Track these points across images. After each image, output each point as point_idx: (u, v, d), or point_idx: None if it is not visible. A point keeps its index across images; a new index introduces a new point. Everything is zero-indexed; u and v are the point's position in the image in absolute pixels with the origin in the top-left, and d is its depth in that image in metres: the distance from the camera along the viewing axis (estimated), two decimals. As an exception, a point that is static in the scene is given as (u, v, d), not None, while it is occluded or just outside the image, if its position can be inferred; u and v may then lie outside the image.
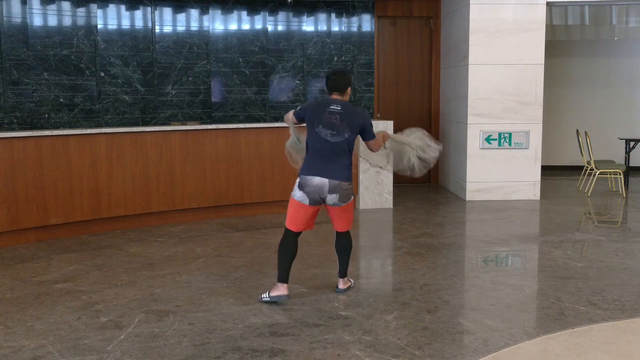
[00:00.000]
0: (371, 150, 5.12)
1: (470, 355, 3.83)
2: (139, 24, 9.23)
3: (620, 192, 9.57)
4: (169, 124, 8.55)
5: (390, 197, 8.52)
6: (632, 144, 10.07)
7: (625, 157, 10.09)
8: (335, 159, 4.72)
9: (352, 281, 5.19)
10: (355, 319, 4.44)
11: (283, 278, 4.78)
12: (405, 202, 8.88)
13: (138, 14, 9.22)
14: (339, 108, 4.72)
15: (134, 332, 4.19)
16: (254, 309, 4.63)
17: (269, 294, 4.76)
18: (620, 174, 9.62)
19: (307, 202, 4.74)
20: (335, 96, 4.84)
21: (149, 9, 9.24)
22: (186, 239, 6.87)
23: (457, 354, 3.88)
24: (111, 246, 6.57)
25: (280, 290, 4.74)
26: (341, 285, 5.06)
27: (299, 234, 4.89)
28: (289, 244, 4.84)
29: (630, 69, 12.07)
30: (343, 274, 5.07)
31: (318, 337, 4.11)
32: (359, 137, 4.91)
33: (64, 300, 4.86)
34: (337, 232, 5.01)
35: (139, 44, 9.17)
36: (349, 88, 4.88)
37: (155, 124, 9.03)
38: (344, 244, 5.03)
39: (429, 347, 3.94)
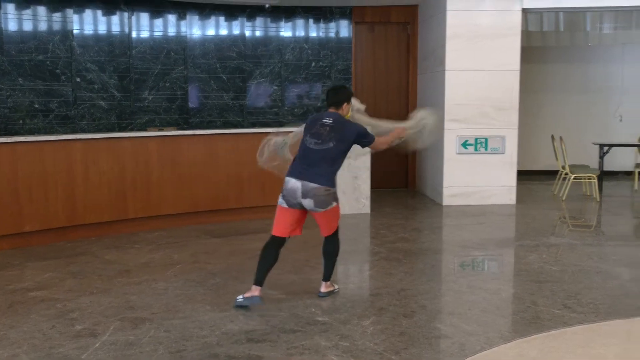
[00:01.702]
0: (376, 149, 5.27)
1: (447, 359, 3.85)
2: (115, 29, 9.17)
3: (595, 196, 9.66)
4: (145, 130, 8.50)
5: (368, 203, 8.54)
6: (605, 148, 10.18)
7: (599, 161, 10.20)
8: (316, 165, 4.79)
9: (337, 287, 5.18)
10: (333, 324, 4.43)
11: (258, 281, 4.79)
12: (383, 208, 8.90)
13: (115, 19, 9.16)
14: (331, 121, 4.87)
15: (109, 340, 4.14)
16: (230, 316, 4.60)
17: (243, 296, 4.77)
18: (594, 179, 9.72)
19: (284, 204, 4.81)
20: (331, 110, 5.02)
21: (125, 14, 9.18)
22: (163, 246, 6.81)
23: (433, 358, 3.89)
24: (87, 253, 6.50)
25: (253, 292, 4.75)
26: (322, 288, 5.05)
27: (282, 241, 4.88)
28: (269, 252, 4.86)
29: (604, 75, 12.21)
30: (325, 277, 5.06)
31: (295, 343, 4.09)
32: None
33: (38, 308, 4.79)
34: (324, 237, 5.03)
35: (116, 49, 9.11)
36: (346, 103, 5.04)
37: (131, 130, 8.97)
38: (328, 248, 5.03)
39: (406, 352, 3.94)
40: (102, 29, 9.08)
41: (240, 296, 4.79)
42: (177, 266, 5.97)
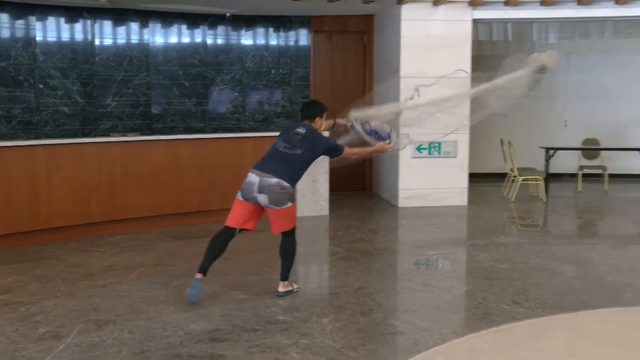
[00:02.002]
0: (346, 159, 5.27)
1: (402, 355, 3.87)
2: (78, 36, 9.02)
3: (541, 197, 9.84)
4: (109, 136, 8.38)
5: (327, 205, 8.55)
6: (551, 152, 10.35)
7: (545, 164, 10.36)
8: (279, 163, 4.90)
9: (296, 286, 5.16)
10: (293, 323, 4.43)
11: (203, 270, 4.85)
12: (341, 210, 8.92)
13: (78, 26, 9.01)
14: (303, 131, 5.01)
15: (73, 342, 4.07)
16: (193, 316, 4.57)
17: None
18: (541, 181, 9.90)
19: (240, 197, 4.91)
20: (305, 121, 5.16)
21: (88, 21, 9.05)
22: (126, 249, 6.72)
23: (389, 354, 3.92)
24: (51, 257, 6.37)
25: (197, 275, 4.82)
26: (280, 288, 5.04)
27: (232, 232, 4.92)
28: (218, 241, 4.94)
29: (549, 82, 12.37)
30: (283, 277, 5.05)
31: (256, 341, 4.08)
32: None
33: (1, 312, 4.67)
34: (281, 236, 5.03)
35: (79, 56, 8.97)
36: (318, 117, 5.17)
37: (95, 136, 8.82)
38: (285, 248, 5.03)
39: (363, 348, 3.96)
40: (65, 36, 8.92)
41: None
42: (140, 269, 5.90)
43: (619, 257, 6.28)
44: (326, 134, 5.70)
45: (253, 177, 4.84)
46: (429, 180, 9.22)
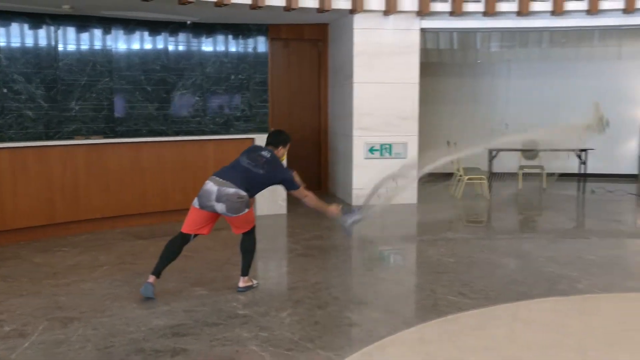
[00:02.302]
0: (301, 199, 5.16)
1: (357, 345, 3.89)
2: (42, 42, 8.81)
3: (485, 195, 10.00)
4: (73, 139, 8.21)
5: (284, 204, 8.54)
6: (494, 153, 10.53)
7: (489, 164, 10.52)
8: (240, 173, 4.84)
9: (255, 282, 5.15)
10: (253, 317, 4.42)
11: (157, 272, 4.80)
12: (298, 208, 8.86)
13: (41, 32, 8.80)
14: (268, 156, 4.99)
15: (38, 339, 3.98)
16: (156, 312, 4.51)
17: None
18: (484, 180, 10.06)
19: (197, 205, 4.83)
20: (270, 147, 5.13)
21: (52, 27, 8.84)
22: (90, 248, 6.59)
23: (345, 345, 3.94)
24: (16, 257, 6.20)
25: (149, 279, 4.77)
26: (240, 283, 5.02)
27: (188, 238, 4.87)
28: (173, 246, 4.87)
29: (492, 88, 12.63)
30: (243, 273, 5.04)
31: (217, 335, 4.06)
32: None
33: (-34, 311, 4.55)
34: (241, 235, 5.01)
35: (42, 61, 8.76)
36: (282, 147, 5.16)
37: (59, 139, 8.63)
38: (245, 246, 5.02)
39: (320, 340, 3.97)
40: (28, 42, 8.68)
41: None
42: (104, 267, 5.80)
43: (555, 250, 6.43)
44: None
45: (211, 186, 4.76)
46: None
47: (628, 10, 8.77)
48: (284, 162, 5.39)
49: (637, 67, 11.92)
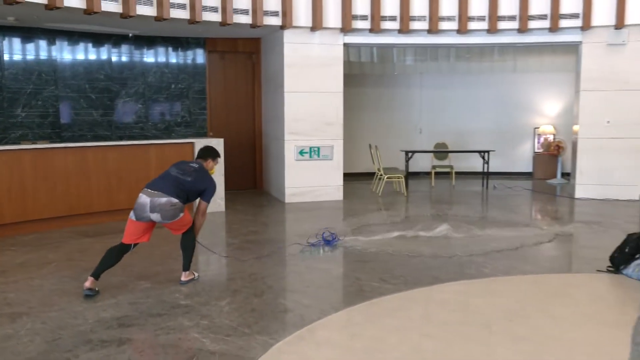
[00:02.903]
0: (198, 211, 4.96)
1: (290, 329, 3.89)
2: (-13, 52, 8.39)
3: (403, 192, 10.20)
4: (19, 144, 7.83)
5: (223, 202, 8.44)
6: (409, 154, 10.76)
7: (405, 164, 10.73)
8: (169, 182, 4.74)
9: (197, 274, 5.06)
10: (194, 306, 4.34)
11: (96, 275, 4.62)
12: (235, 206, 8.84)
13: (-14, 42, 8.37)
14: (196, 166, 4.95)
15: (-13, 334, 3.78)
16: (103, 305, 4.37)
17: (85, 286, 4.60)
18: (402, 178, 10.26)
19: (134, 218, 4.68)
20: (199, 160, 5.07)
21: (-3, 38, 8.43)
22: (39, 247, 6.31)
23: (279, 329, 3.92)
24: (-37, 257, 5.88)
25: (88, 282, 4.57)
26: (182, 277, 4.93)
27: (128, 248, 4.71)
28: (113, 254, 4.70)
29: (407, 97, 12.87)
30: (184, 268, 4.95)
31: (161, 324, 3.97)
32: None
33: None
34: (181, 234, 4.91)
35: (-12, 70, 8.34)
36: (210, 160, 5.10)
37: (6, 144, 8.22)
38: (185, 243, 4.93)
39: (257, 325, 3.95)
40: (-26, 51, 8.26)
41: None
42: (52, 264, 5.56)
43: (464, 239, 6.60)
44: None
45: (144, 199, 4.62)
46: (311, 179, 9.33)
47: (522, 30, 9.14)
48: (215, 175, 5.27)
49: (530, 79, 12.42)
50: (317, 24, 8.86)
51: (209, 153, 5.15)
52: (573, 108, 10.21)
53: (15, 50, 8.65)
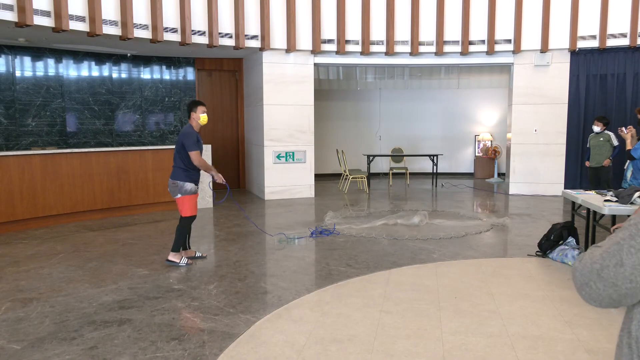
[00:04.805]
0: (195, 164, 4.89)
1: (269, 308, 3.87)
2: (1, 69, 8.14)
3: (365, 190, 10.24)
4: (30, 149, 7.63)
5: (211, 200, 8.35)
6: (371, 158, 10.83)
7: (368, 166, 10.81)
8: (174, 162, 4.94)
9: (183, 262, 4.98)
10: (186, 290, 4.29)
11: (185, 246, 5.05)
12: (223, 203, 8.75)
13: (1, 61, 8.13)
14: (182, 128, 4.89)
15: (1, 318, 3.67)
16: (105, 290, 4.28)
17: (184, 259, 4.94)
18: (364, 178, 10.30)
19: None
20: (188, 120, 5.07)
21: (9, 57, 8.19)
22: (48, 240, 6.16)
23: (260, 308, 3.90)
24: (-20, 249, 5.70)
25: (189, 253, 5.03)
26: (169, 257, 5.00)
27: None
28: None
29: (368, 109, 12.96)
30: (173, 249, 4.98)
31: (157, 306, 3.91)
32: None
33: None
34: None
35: (1, 85, 8.10)
36: (192, 112, 4.99)
37: (18, 150, 8.00)
38: (177, 227, 5.00)
39: (241, 306, 3.92)
40: (-11, 68, 8.01)
41: (183, 260, 4.93)
42: (60, 255, 5.43)
43: (417, 229, 6.66)
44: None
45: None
46: (286, 179, 9.30)
47: (464, 53, 9.26)
48: (202, 124, 5.02)
49: (471, 94, 12.60)
50: (291, 47, 8.83)
51: (188, 109, 5.05)
52: (507, 119, 10.39)
53: (26, 68, 8.43)
